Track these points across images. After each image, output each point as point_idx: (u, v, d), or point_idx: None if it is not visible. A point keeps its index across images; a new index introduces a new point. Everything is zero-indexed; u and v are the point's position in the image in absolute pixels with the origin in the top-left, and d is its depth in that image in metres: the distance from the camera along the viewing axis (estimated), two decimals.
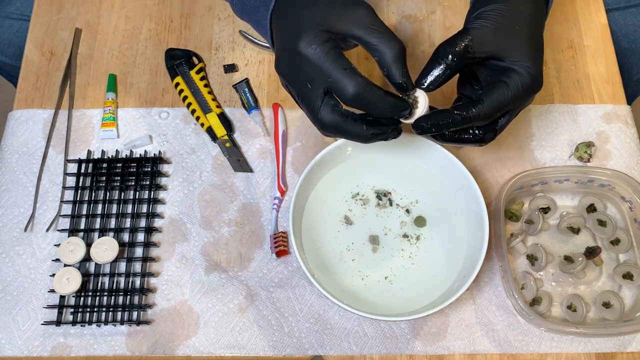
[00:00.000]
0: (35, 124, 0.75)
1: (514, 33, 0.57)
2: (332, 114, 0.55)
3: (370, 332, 0.66)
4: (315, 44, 0.53)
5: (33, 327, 0.66)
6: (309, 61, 0.54)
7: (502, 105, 0.56)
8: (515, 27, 0.57)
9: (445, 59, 0.56)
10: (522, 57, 0.56)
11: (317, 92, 0.54)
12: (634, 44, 0.86)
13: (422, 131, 0.57)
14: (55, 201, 0.71)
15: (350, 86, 0.53)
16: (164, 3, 0.82)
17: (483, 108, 0.56)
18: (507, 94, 0.56)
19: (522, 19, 0.58)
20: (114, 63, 0.79)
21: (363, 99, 0.54)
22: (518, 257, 0.69)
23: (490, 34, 0.56)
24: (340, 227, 0.69)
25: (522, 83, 0.56)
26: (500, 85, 0.56)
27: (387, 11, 0.82)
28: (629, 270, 0.67)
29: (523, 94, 0.57)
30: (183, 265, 0.69)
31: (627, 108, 0.77)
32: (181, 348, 0.65)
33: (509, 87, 0.56)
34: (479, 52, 0.56)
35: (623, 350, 0.65)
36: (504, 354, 0.65)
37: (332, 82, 0.53)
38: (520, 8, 0.58)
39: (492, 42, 0.56)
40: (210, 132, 0.73)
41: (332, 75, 0.53)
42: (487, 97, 0.56)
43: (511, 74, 0.56)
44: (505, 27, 0.57)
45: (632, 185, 0.68)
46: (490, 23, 0.56)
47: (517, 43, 0.57)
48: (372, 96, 0.54)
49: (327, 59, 0.53)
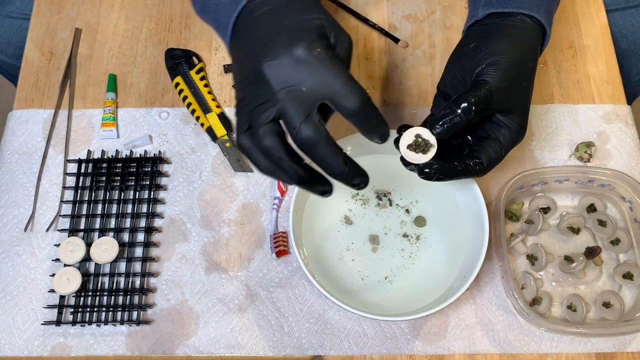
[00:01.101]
0: (35, 124, 0.75)
1: (522, 91, 0.58)
2: (318, 126, 0.49)
3: (370, 332, 0.66)
4: (320, 49, 0.49)
5: (33, 327, 0.66)
6: (313, 66, 0.48)
7: (496, 163, 0.58)
8: (522, 84, 0.58)
9: (466, 109, 0.53)
10: (520, 115, 0.58)
11: (311, 101, 0.49)
12: (633, 44, 0.86)
13: (426, 177, 0.56)
14: (55, 201, 0.71)
15: (358, 96, 0.49)
16: (164, 3, 0.82)
17: (483, 166, 0.57)
18: (501, 151, 0.57)
19: (527, 76, 0.59)
20: (114, 63, 0.79)
21: (366, 111, 0.50)
22: (518, 257, 0.69)
23: (505, 89, 0.56)
24: (340, 227, 0.69)
25: (513, 139, 0.58)
26: (494, 143, 0.57)
27: (387, 11, 0.82)
28: (629, 270, 0.67)
29: (512, 146, 0.58)
30: (183, 265, 0.69)
31: (627, 108, 0.77)
32: (181, 348, 0.65)
33: (502, 145, 0.57)
34: (496, 105, 0.56)
35: (623, 350, 0.65)
36: (504, 354, 0.65)
37: (336, 92, 0.49)
38: (527, 64, 0.59)
39: (507, 97, 0.56)
40: (210, 132, 0.73)
41: (338, 85, 0.48)
42: (484, 155, 0.57)
43: (504, 131, 0.57)
44: (516, 84, 0.57)
45: (632, 185, 0.68)
46: (505, 77, 0.56)
47: (522, 101, 0.58)
48: (376, 110, 0.50)
49: (333, 66, 0.49)
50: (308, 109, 0.48)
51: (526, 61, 0.58)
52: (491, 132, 0.58)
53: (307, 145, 0.49)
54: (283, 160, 0.50)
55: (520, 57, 0.58)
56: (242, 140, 0.51)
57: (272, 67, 0.49)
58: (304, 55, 0.48)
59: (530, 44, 0.60)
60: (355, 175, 0.52)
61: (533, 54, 0.60)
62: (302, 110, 0.48)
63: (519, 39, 0.59)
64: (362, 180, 0.52)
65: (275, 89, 0.49)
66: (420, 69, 0.79)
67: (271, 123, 0.49)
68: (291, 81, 0.48)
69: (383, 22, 0.82)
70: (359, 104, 0.49)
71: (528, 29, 0.60)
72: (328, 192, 0.54)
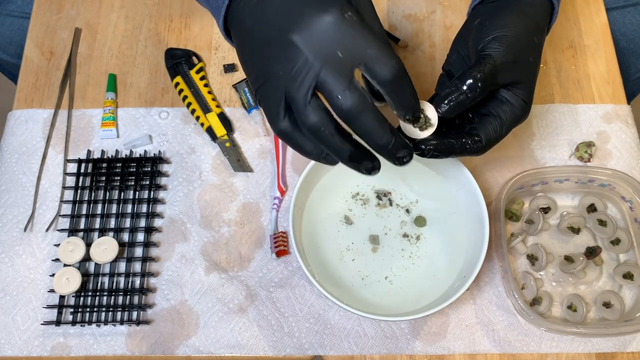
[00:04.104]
0: (35, 124, 0.75)
1: (528, 66, 0.57)
2: (360, 93, 0.45)
3: (370, 332, 0.66)
4: (351, 12, 0.45)
5: (33, 327, 0.66)
6: (346, 30, 0.45)
7: (496, 141, 0.56)
8: (529, 59, 0.57)
9: (471, 85, 0.52)
10: (526, 90, 0.56)
11: (348, 68, 0.45)
12: (632, 43, 0.86)
13: (421, 154, 0.54)
14: (55, 201, 0.71)
15: (394, 60, 0.46)
16: (164, 3, 0.82)
17: (482, 144, 0.56)
18: (502, 130, 0.56)
19: (534, 51, 0.57)
20: (114, 63, 0.79)
21: (401, 79, 0.46)
22: (518, 257, 0.69)
23: (511, 63, 0.54)
24: (340, 227, 0.69)
25: (516, 117, 0.56)
26: (495, 121, 0.56)
27: (387, 11, 0.82)
28: (629, 270, 0.67)
29: (514, 125, 0.57)
30: (183, 265, 0.69)
31: (628, 108, 0.77)
32: (181, 348, 0.65)
33: (503, 122, 0.56)
34: (501, 80, 0.55)
35: (623, 350, 0.65)
36: (504, 354, 0.65)
37: (371, 56, 0.45)
38: (534, 39, 0.57)
39: (512, 72, 0.55)
40: (210, 132, 0.73)
41: (374, 48, 0.45)
42: (484, 133, 0.56)
43: (506, 108, 0.56)
44: (522, 58, 0.56)
45: (632, 185, 0.68)
46: (510, 51, 0.54)
47: (528, 76, 0.57)
48: (409, 80, 0.47)
49: (367, 29, 0.46)
50: (348, 75, 0.45)
51: (532, 35, 0.56)
52: (493, 109, 0.56)
53: (352, 114, 0.45)
54: (334, 136, 0.46)
55: (525, 31, 0.56)
56: (282, 126, 0.47)
57: (303, 36, 0.45)
58: (337, 19, 0.45)
59: (536, 18, 0.58)
60: (402, 147, 0.48)
61: (540, 30, 0.58)
62: (343, 77, 0.45)
63: (524, 13, 0.57)
64: (407, 153, 0.48)
65: (310, 58, 0.45)
66: (420, 69, 0.79)
67: (314, 97, 0.45)
68: (326, 47, 0.44)
69: (383, 22, 0.82)
70: (395, 71, 0.46)
71: (534, 4, 0.58)
72: (377, 168, 0.49)
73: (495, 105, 0.56)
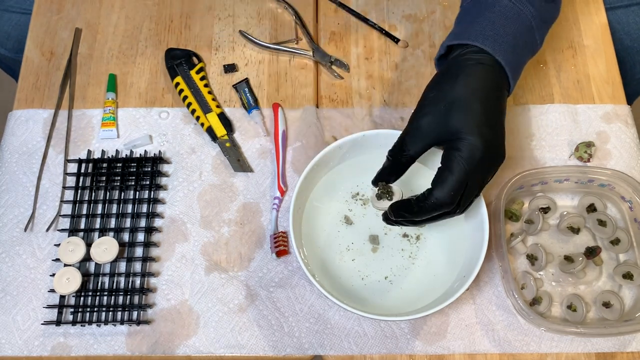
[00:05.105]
0: (35, 124, 0.75)
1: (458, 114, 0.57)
2: None
3: (370, 332, 0.66)
4: None
5: (33, 327, 0.66)
6: None
7: (453, 187, 0.56)
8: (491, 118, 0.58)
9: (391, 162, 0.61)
10: (467, 131, 0.56)
11: None
12: (636, 42, 0.86)
13: (387, 221, 0.62)
14: (55, 201, 0.71)
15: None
16: (164, 3, 0.82)
17: (437, 194, 0.56)
18: (454, 174, 0.56)
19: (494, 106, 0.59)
20: (114, 63, 0.79)
21: None
22: (518, 257, 0.69)
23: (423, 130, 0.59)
24: (340, 227, 0.69)
25: (469, 155, 0.56)
26: (445, 169, 0.56)
27: (387, 11, 0.82)
28: (629, 270, 0.67)
29: (474, 166, 0.56)
30: (183, 265, 0.69)
31: (627, 108, 0.77)
32: (181, 348, 0.65)
33: (453, 168, 0.56)
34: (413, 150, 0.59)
35: (623, 350, 0.65)
36: (504, 354, 0.65)
37: None
38: (492, 97, 0.59)
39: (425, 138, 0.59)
40: (210, 132, 0.73)
41: None
42: (437, 182, 0.57)
43: (453, 154, 0.56)
44: (445, 113, 0.58)
45: (632, 185, 0.68)
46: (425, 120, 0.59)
47: (461, 121, 0.57)
48: None
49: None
50: None
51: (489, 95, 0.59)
52: (443, 161, 0.58)
53: None
54: None
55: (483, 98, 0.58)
56: None
57: None
58: None
59: (490, 77, 0.60)
60: None
61: (495, 86, 0.60)
62: None
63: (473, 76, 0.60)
64: None
65: None
66: (420, 69, 0.79)
67: None
68: None
69: (383, 22, 0.82)
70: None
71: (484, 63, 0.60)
72: None
73: (446, 156, 0.57)
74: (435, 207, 0.57)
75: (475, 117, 0.57)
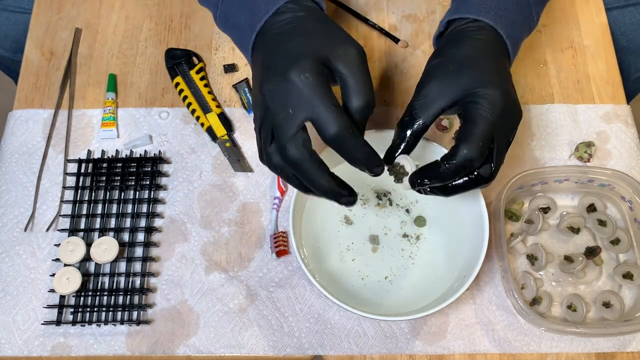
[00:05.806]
0: (35, 124, 0.75)
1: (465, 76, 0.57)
2: (301, 147, 0.52)
3: (370, 332, 0.66)
4: (308, 73, 0.52)
5: (33, 327, 0.66)
6: (299, 89, 0.52)
7: (481, 138, 0.54)
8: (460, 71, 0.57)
9: (401, 135, 0.58)
10: (482, 85, 0.56)
11: (297, 121, 0.52)
12: (632, 42, 0.86)
13: (416, 186, 0.57)
14: (55, 201, 0.71)
15: (335, 123, 0.52)
16: (164, 3, 0.82)
17: (465, 148, 0.54)
18: (479, 126, 0.54)
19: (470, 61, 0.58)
20: (114, 63, 0.79)
21: (343, 139, 0.52)
22: (518, 257, 0.69)
23: (433, 94, 0.57)
24: (340, 227, 0.69)
25: (490, 106, 0.55)
26: (468, 122, 0.55)
27: (387, 11, 0.82)
28: (629, 270, 0.67)
29: (497, 116, 0.55)
30: (183, 265, 0.69)
31: (627, 108, 0.77)
32: (181, 348, 0.65)
33: (476, 120, 0.54)
34: (425, 117, 0.57)
35: (623, 350, 0.65)
36: (504, 354, 0.65)
37: (317, 115, 0.52)
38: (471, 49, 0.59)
39: (437, 101, 0.57)
40: (210, 132, 0.73)
41: (320, 108, 0.52)
42: (462, 137, 0.55)
43: (473, 107, 0.55)
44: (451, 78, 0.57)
45: (632, 185, 0.68)
46: (434, 83, 0.58)
47: (474, 78, 0.57)
48: (353, 140, 0.53)
49: (318, 90, 0.52)
50: (293, 129, 0.52)
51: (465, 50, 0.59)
52: (465, 117, 0.56)
53: (293, 163, 0.53)
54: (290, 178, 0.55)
55: (458, 49, 0.58)
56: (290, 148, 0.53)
57: (269, 90, 0.54)
58: (294, 79, 0.52)
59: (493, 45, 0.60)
60: (342, 196, 0.55)
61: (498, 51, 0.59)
62: (288, 130, 0.52)
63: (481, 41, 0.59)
64: (347, 201, 0.55)
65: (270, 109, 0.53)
66: (420, 69, 0.78)
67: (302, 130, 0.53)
68: (282, 102, 0.53)
69: (383, 22, 0.82)
70: (337, 131, 0.52)
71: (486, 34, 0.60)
72: (352, 202, 0.56)
73: (466, 113, 0.56)
74: (465, 163, 0.54)
75: (487, 72, 0.57)
